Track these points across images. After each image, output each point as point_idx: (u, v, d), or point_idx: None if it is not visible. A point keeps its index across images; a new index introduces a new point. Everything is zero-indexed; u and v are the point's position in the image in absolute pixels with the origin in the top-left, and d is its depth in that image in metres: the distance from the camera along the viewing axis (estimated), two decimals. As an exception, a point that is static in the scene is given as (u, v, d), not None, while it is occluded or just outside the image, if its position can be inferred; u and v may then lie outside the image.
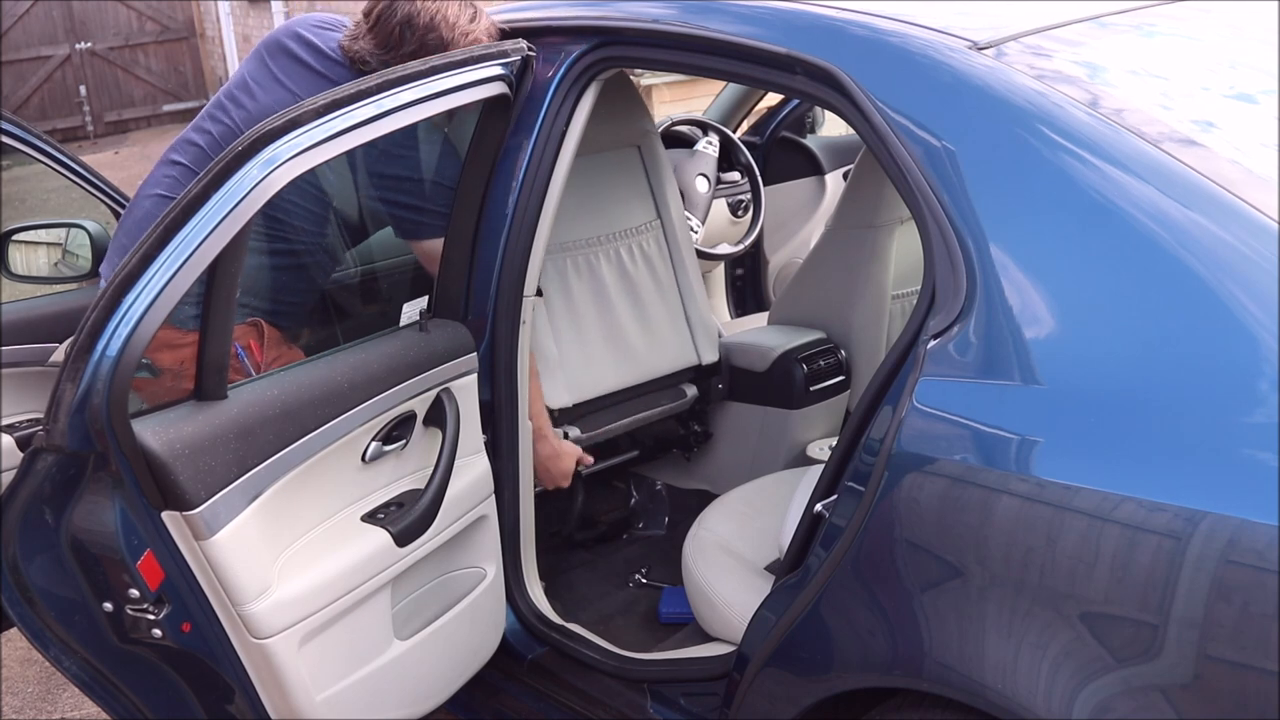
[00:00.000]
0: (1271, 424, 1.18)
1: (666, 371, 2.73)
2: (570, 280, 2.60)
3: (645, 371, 2.70)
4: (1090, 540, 1.26)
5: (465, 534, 2.13)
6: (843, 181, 3.87)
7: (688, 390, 2.78)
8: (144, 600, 1.72)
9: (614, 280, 2.66)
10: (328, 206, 2.26)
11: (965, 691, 1.39)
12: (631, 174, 2.72)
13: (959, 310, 1.44)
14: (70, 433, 1.62)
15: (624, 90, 2.63)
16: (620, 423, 2.67)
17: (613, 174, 2.68)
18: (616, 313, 2.65)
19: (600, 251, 2.65)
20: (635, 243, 2.69)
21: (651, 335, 2.70)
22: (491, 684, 2.31)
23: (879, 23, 1.70)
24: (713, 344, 2.79)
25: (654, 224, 2.74)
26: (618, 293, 2.66)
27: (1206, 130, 1.53)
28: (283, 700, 1.85)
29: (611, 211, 2.67)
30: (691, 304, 2.76)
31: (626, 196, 2.71)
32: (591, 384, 2.61)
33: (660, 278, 2.73)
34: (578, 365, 2.58)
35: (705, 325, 2.78)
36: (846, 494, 1.53)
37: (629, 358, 2.67)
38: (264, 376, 1.86)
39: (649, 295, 2.70)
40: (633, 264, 2.68)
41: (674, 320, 2.74)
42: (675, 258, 2.75)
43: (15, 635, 2.83)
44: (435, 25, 2.13)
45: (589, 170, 2.57)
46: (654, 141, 2.75)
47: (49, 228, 3.06)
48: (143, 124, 12.79)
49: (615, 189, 2.69)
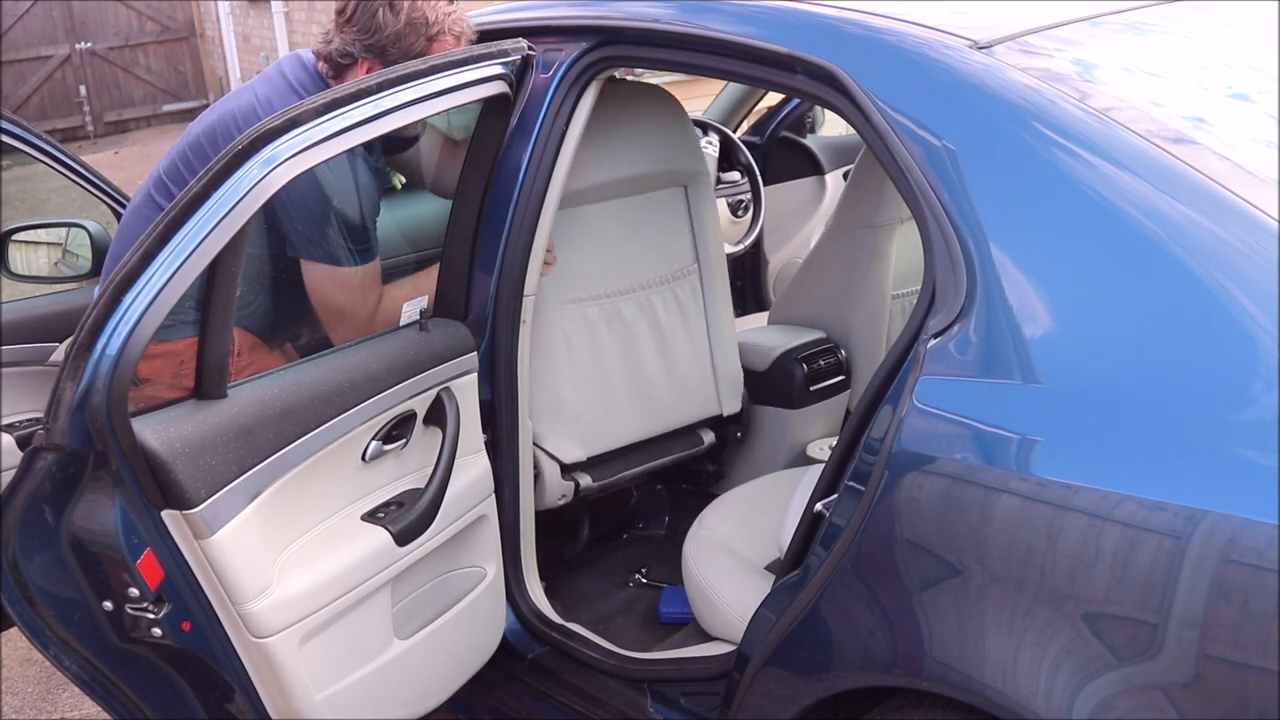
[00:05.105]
0: (1271, 422, 1.18)
1: (687, 423, 2.65)
2: (600, 331, 2.48)
3: (666, 423, 2.61)
4: (1090, 539, 1.26)
5: (465, 533, 2.13)
6: (843, 181, 3.87)
7: (705, 437, 2.69)
8: (144, 599, 1.72)
9: (645, 330, 2.54)
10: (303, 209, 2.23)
11: (965, 691, 1.39)
12: (674, 217, 2.59)
13: (959, 309, 1.44)
14: (70, 431, 1.62)
15: (676, 122, 2.55)
16: (633, 471, 2.58)
17: (655, 216, 2.56)
18: (645, 364, 2.54)
19: (634, 299, 2.53)
20: (670, 290, 2.57)
21: (677, 386, 2.59)
22: (491, 683, 2.32)
23: (879, 22, 1.70)
24: (736, 394, 2.69)
25: (691, 269, 2.61)
26: (647, 343, 2.54)
27: (1208, 130, 1.53)
28: (283, 699, 1.85)
29: (648, 258, 2.55)
30: (720, 353, 2.65)
31: (666, 241, 2.57)
32: (608, 436, 2.52)
33: (692, 326, 2.61)
34: (596, 417, 2.49)
35: (731, 375, 2.67)
36: (847, 493, 1.53)
37: (651, 409, 2.57)
38: (264, 376, 1.86)
39: (678, 344, 2.58)
40: (665, 312, 2.56)
41: (700, 370, 2.63)
42: (709, 304, 2.63)
43: (15, 635, 2.83)
44: (418, 8, 2.15)
45: (630, 212, 2.49)
46: (703, 182, 2.61)
47: (49, 228, 3.06)
48: (143, 124, 12.79)
49: (656, 233, 2.56)
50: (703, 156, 2.65)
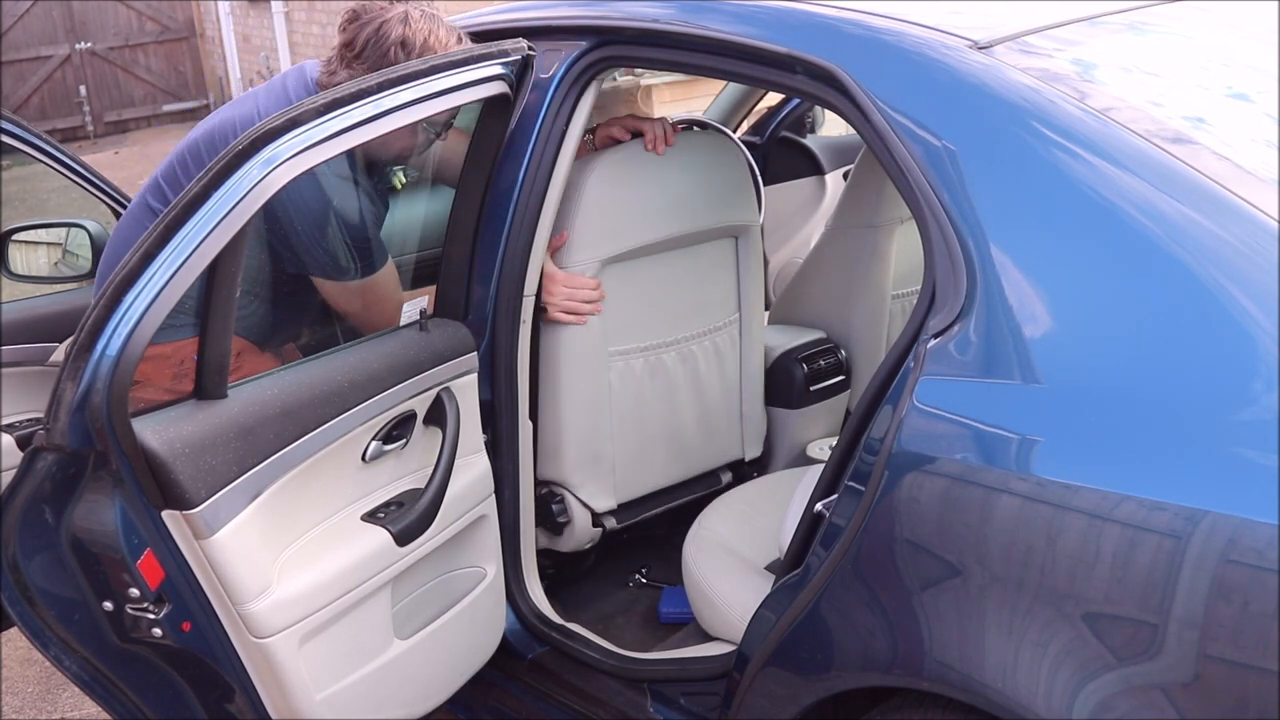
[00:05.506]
0: (1271, 422, 1.18)
1: (711, 467, 2.67)
2: (643, 383, 2.48)
3: (692, 468, 2.63)
4: (1090, 539, 1.26)
5: (465, 533, 2.13)
6: (843, 181, 3.87)
7: (724, 477, 2.72)
8: (144, 599, 1.72)
9: (684, 379, 2.54)
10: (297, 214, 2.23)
11: (965, 691, 1.39)
12: (722, 270, 2.56)
13: (959, 309, 1.44)
14: (70, 431, 1.62)
15: (737, 174, 2.52)
16: (654, 511, 2.61)
17: (705, 268, 2.52)
18: (680, 412, 2.55)
19: (676, 350, 2.52)
20: (711, 340, 2.57)
21: (706, 432, 2.61)
22: (491, 683, 2.32)
23: (879, 22, 1.70)
24: (759, 440, 2.71)
25: (733, 320, 2.61)
26: (685, 391, 2.55)
27: (1207, 129, 1.53)
28: (283, 699, 1.85)
29: (695, 310, 2.53)
30: (749, 400, 2.66)
31: (712, 293, 2.56)
32: (638, 484, 2.54)
33: (727, 374, 2.62)
34: (631, 468, 2.50)
35: (755, 421, 2.69)
36: (847, 493, 1.53)
37: (681, 456, 2.59)
38: (264, 376, 1.86)
39: (712, 392, 2.59)
40: (705, 362, 2.56)
41: (729, 417, 2.64)
42: (745, 353, 2.64)
43: (15, 635, 2.83)
44: (431, 47, 2.11)
45: (681, 263, 2.46)
46: (754, 234, 2.58)
47: (49, 227, 3.06)
48: (143, 124, 12.80)
49: (703, 286, 2.53)
50: (756, 207, 2.63)
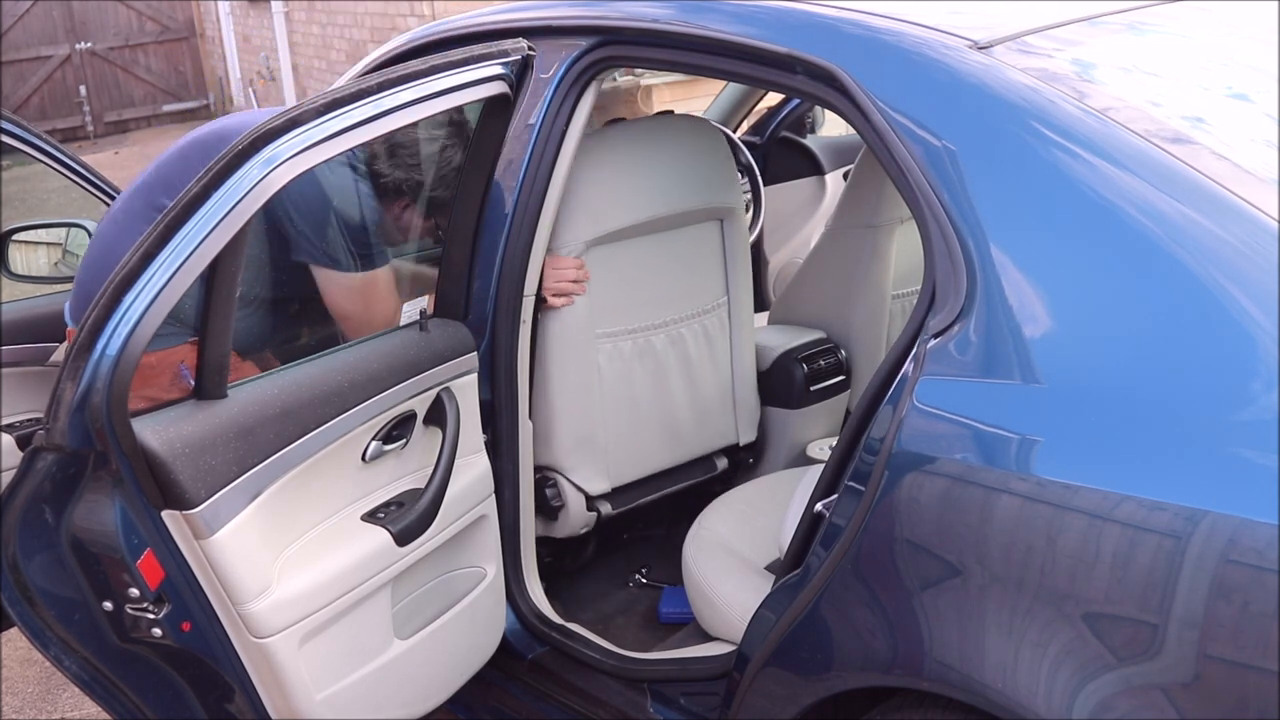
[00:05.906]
0: (1271, 422, 1.18)
1: (706, 451, 2.68)
2: (632, 365, 2.50)
3: (687, 452, 2.65)
4: (1090, 539, 1.26)
5: (465, 533, 2.13)
6: (843, 181, 3.87)
7: (719, 463, 2.73)
8: (144, 599, 1.72)
9: (674, 362, 2.56)
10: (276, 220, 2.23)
11: (965, 691, 1.39)
12: (708, 253, 2.59)
13: (959, 309, 1.44)
14: (70, 431, 1.62)
15: (719, 157, 2.54)
16: (650, 497, 2.62)
17: (691, 251, 2.54)
18: (672, 396, 2.57)
19: (665, 332, 2.53)
20: (700, 323, 2.58)
21: (700, 416, 2.62)
22: (491, 683, 2.32)
23: (878, 22, 1.70)
24: (753, 425, 2.72)
25: (721, 304, 2.62)
26: (676, 375, 2.56)
27: (1207, 129, 1.53)
28: (283, 699, 1.85)
29: (682, 293, 2.55)
30: (741, 384, 2.67)
31: (699, 276, 2.58)
32: (633, 467, 2.55)
33: (718, 357, 2.63)
34: (624, 449, 2.51)
35: (749, 405, 2.70)
36: (847, 493, 1.53)
37: (675, 439, 2.61)
38: (264, 376, 1.86)
39: (704, 376, 2.61)
40: (695, 345, 2.58)
41: (722, 400, 2.66)
42: (735, 336, 2.65)
43: (15, 635, 2.83)
44: None
45: (667, 246, 2.48)
46: (738, 217, 2.61)
47: (49, 227, 3.06)
48: (143, 124, 12.80)
49: (690, 268, 2.56)
50: (740, 191, 2.64)
